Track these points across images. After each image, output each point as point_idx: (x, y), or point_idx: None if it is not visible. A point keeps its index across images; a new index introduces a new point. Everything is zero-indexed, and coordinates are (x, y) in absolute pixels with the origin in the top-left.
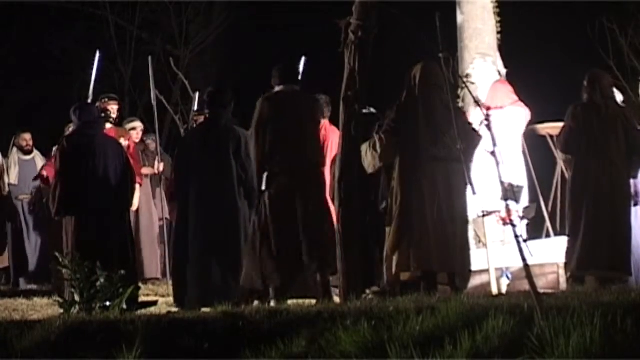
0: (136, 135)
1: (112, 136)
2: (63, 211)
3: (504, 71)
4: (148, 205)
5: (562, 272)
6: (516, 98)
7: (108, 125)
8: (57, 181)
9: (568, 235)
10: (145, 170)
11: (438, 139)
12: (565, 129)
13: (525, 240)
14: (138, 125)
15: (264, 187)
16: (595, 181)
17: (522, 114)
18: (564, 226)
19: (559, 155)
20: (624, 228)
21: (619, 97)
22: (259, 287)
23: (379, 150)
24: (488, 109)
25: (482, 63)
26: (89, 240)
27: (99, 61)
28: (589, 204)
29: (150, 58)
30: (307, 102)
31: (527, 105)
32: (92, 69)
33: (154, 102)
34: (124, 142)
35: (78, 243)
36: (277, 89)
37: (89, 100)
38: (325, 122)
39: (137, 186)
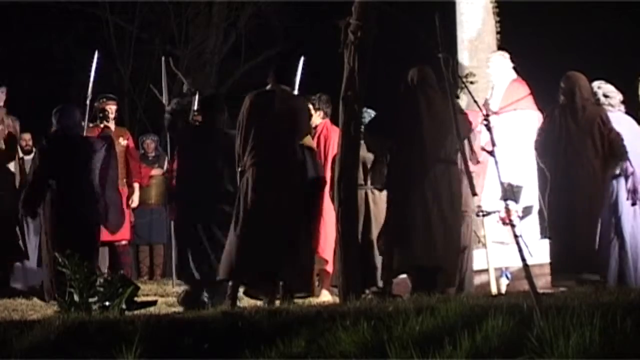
0: (147, 147)
1: (94, 138)
2: (32, 212)
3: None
4: None
5: None
6: (531, 100)
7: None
8: (34, 180)
9: (549, 238)
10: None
11: (441, 140)
12: (542, 131)
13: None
14: (148, 140)
15: (238, 183)
16: (572, 184)
17: (534, 118)
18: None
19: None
20: (595, 230)
21: (619, 96)
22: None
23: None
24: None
25: (499, 59)
26: (64, 242)
27: (97, 61)
28: (565, 207)
29: (163, 59)
30: (292, 103)
31: (539, 108)
32: (90, 69)
33: (165, 102)
34: (123, 141)
35: (54, 243)
36: (267, 87)
37: (88, 101)
38: (326, 122)
39: (137, 185)
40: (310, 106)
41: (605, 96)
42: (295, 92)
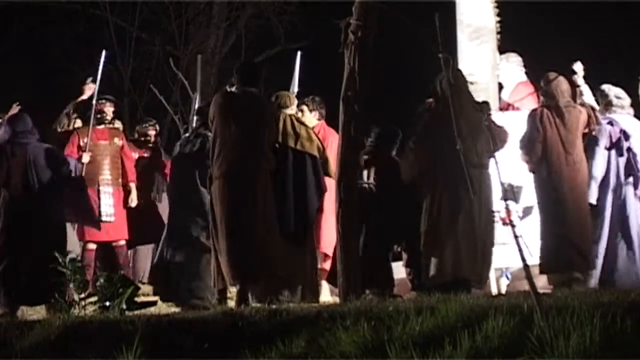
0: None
1: (48, 146)
2: None
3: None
4: None
5: None
6: (534, 100)
7: (102, 126)
8: None
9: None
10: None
11: (473, 144)
12: (531, 132)
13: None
14: (151, 132)
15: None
16: (564, 183)
17: None
18: None
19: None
20: (586, 227)
21: (628, 99)
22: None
23: (413, 158)
24: (508, 106)
25: (507, 64)
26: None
27: (104, 61)
28: (557, 205)
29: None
30: (257, 105)
31: None
32: (97, 69)
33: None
34: (118, 141)
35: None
36: (232, 88)
37: (94, 101)
38: (322, 123)
39: (133, 185)
40: (305, 107)
41: (618, 97)
42: (296, 88)
